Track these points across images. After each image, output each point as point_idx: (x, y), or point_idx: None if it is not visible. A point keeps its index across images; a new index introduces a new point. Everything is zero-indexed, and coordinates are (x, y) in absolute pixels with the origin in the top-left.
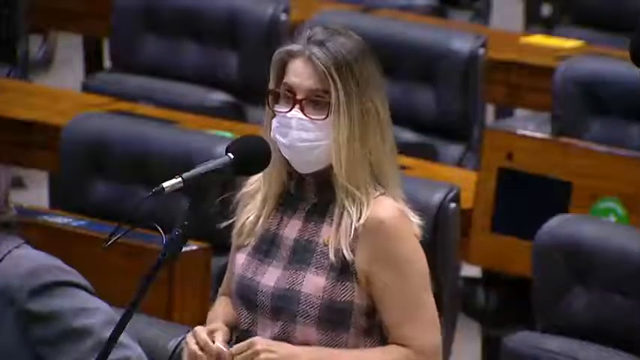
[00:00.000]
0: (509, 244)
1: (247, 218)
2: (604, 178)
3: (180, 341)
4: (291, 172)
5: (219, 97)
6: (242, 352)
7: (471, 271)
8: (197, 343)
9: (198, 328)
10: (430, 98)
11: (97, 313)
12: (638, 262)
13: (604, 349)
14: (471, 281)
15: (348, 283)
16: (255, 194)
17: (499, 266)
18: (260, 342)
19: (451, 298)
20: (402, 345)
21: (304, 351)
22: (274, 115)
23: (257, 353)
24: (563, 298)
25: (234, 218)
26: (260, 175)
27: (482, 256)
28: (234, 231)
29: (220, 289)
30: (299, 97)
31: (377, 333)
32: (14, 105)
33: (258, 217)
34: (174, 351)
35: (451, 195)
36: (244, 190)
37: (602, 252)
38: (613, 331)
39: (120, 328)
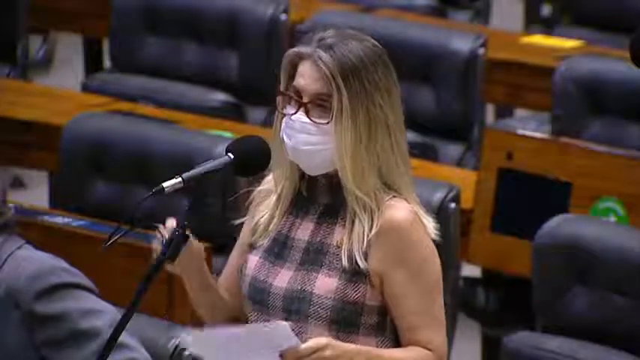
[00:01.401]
0: (509, 244)
1: (261, 217)
2: (604, 178)
3: (181, 341)
4: (304, 173)
5: (219, 97)
6: (310, 354)
7: (471, 271)
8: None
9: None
10: (430, 98)
11: (102, 315)
12: (638, 262)
13: (604, 349)
14: (471, 281)
15: (360, 285)
16: (269, 193)
17: (499, 266)
18: (330, 346)
19: (451, 298)
20: (425, 348)
21: (353, 352)
22: (284, 117)
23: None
24: (563, 298)
25: (247, 217)
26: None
27: (483, 256)
28: (248, 227)
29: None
30: (305, 100)
31: (388, 331)
32: (14, 105)
33: (272, 217)
34: (174, 351)
35: (451, 195)
36: (260, 187)
37: (602, 252)
38: (613, 331)
39: (120, 328)
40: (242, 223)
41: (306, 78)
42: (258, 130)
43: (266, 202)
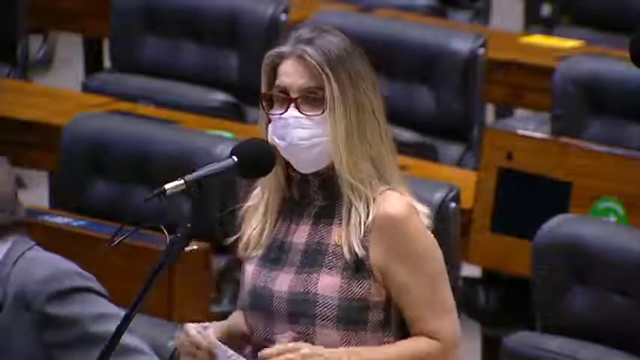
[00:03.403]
0: (509, 244)
1: (253, 230)
2: (604, 178)
3: None
4: (291, 177)
5: (219, 97)
6: (284, 353)
7: (471, 271)
8: (190, 342)
9: (188, 325)
10: (430, 98)
11: (114, 320)
12: (638, 262)
13: (604, 349)
14: (471, 281)
15: (363, 280)
16: (257, 207)
17: (499, 266)
18: (307, 345)
19: None
20: (431, 337)
21: (347, 352)
22: (269, 121)
23: (305, 357)
24: (563, 298)
25: (239, 234)
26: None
27: (483, 256)
28: (240, 245)
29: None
30: (293, 96)
31: (394, 325)
32: (14, 105)
33: (262, 229)
34: (174, 351)
35: (451, 195)
36: (247, 204)
37: (602, 252)
38: (613, 331)
39: (122, 327)
40: (236, 242)
41: (292, 75)
42: (258, 131)
43: (256, 216)
